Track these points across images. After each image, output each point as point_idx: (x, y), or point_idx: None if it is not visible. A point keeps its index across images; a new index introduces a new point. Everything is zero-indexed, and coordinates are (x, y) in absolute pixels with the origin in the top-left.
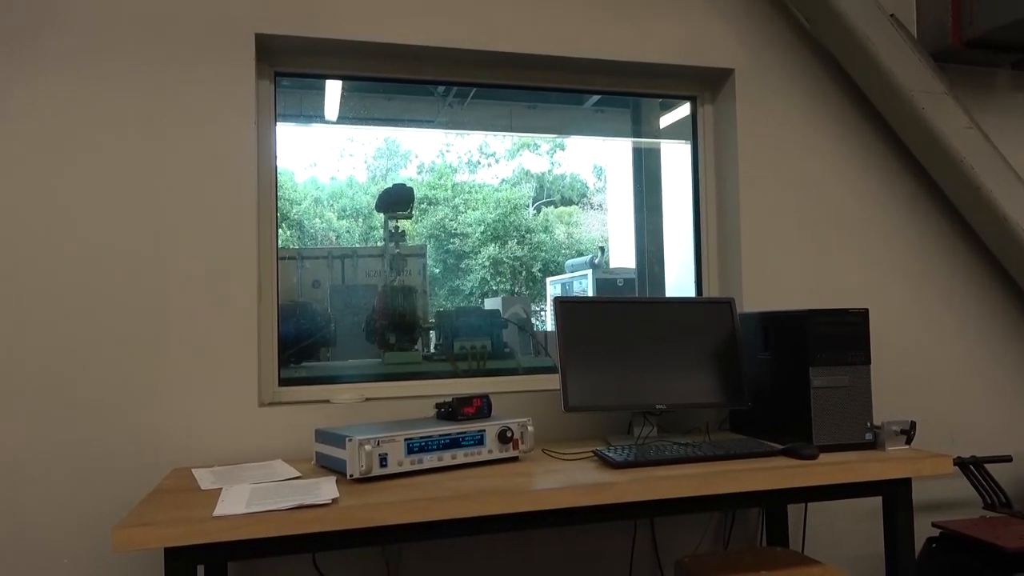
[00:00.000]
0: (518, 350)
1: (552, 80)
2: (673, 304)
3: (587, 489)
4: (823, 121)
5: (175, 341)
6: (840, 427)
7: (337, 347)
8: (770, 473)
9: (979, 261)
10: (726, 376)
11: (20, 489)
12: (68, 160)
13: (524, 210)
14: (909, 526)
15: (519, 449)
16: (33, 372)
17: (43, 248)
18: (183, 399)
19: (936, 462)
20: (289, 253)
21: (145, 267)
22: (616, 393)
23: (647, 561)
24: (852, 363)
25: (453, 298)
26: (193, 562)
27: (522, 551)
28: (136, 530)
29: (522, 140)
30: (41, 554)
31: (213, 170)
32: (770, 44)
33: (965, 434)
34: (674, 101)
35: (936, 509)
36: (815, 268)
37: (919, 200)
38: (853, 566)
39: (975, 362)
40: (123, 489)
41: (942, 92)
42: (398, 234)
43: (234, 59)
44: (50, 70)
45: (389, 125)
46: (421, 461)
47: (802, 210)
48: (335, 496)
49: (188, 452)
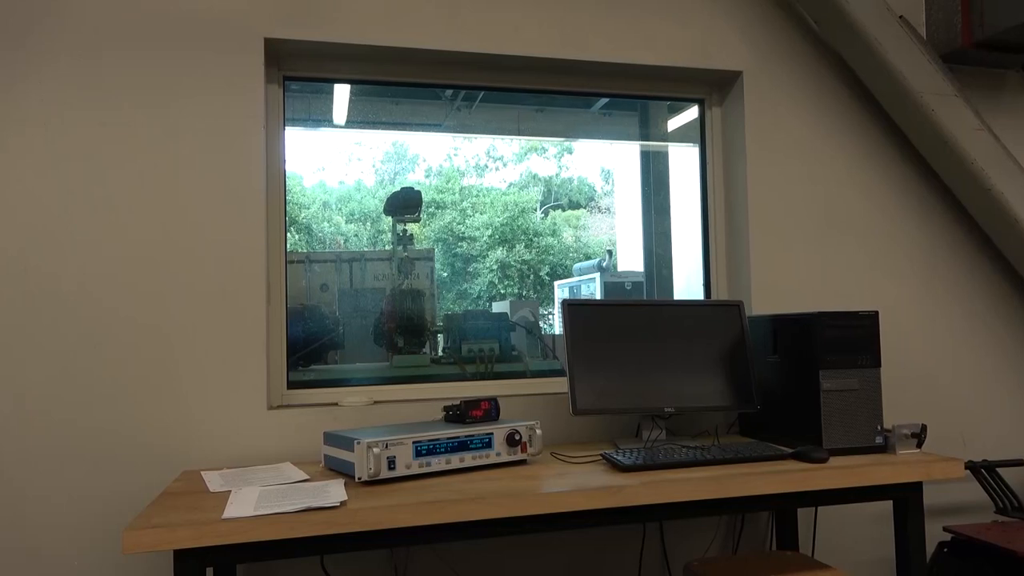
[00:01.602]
0: (526, 353)
1: (560, 83)
2: (682, 307)
3: (596, 492)
4: (832, 123)
5: (184, 344)
6: (850, 430)
7: (345, 350)
8: (780, 477)
9: (990, 263)
10: (735, 379)
11: (30, 492)
12: (77, 164)
13: (532, 214)
14: (920, 530)
15: (527, 452)
16: (43, 376)
17: (49, 253)
18: (192, 402)
19: (947, 466)
20: (297, 257)
21: (154, 270)
22: (624, 396)
23: (656, 565)
24: (862, 366)
25: (461, 302)
26: (202, 564)
27: (530, 555)
28: (146, 532)
29: (530, 144)
30: (51, 556)
31: (222, 174)
32: (778, 46)
33: (977, 437)
34: (682, 104)
35: (948, 513)
36: (824, 271)
37: (929, 202)
38: (864, 571)
39: (987, 365)
40: (132, 491)
41: (952, 94)
42: (406, 237)
43: (243, 63)
44: (58, 73)
45: (397, 129)
46: (429, 464)
47: (811, 212)
48: (343, 499)
49: (197, 454)
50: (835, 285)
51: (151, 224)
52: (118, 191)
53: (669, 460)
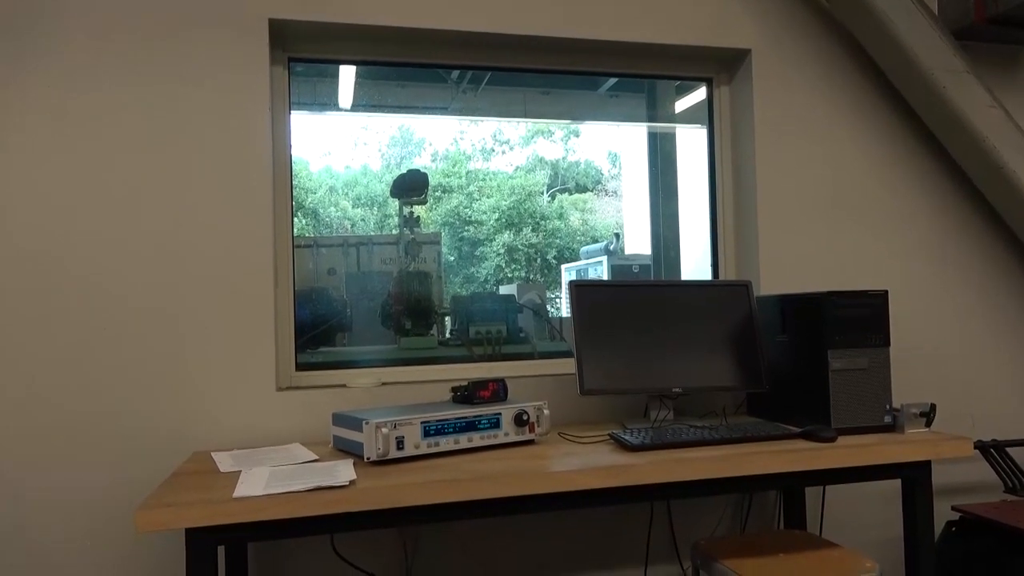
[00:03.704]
0: (533, 335)
1: (566, 63)
2: (690, 287)
3: (604, 471)
4: (841, 101)
5: (193, 328)
6: (858, 410)
7: (353, 333)
8: (788, 456)
9: (1001, 242)
10: (743, 359)
11: (42, 472)
12: (83, 150)
13: (538, 197)
14: (929, 509)
15: (535, 432)
16: (54, 361)
17: (58, 240)
18: (202, 384)
19: (956, 445)
20: (305, 241)
21: (162, 255)
22: (632, 376)
23: (664, 544)
24: (871, 345)
25: (468, 285)
26: (214, 542)
27: (538, 534)
28: (158, 511)
29: (536, 127)
30: (63, 535)
31: (228, 158)
32: (788, 23)
33: (986, 417)
34: (690, 85)
35: (956, 493)
36: (834, 250)
37: (939, 181)
38: (872, 549)
39: (997, 344)
40: (144, 472)
41: (964, 70)
42: (413, 219)
43: (248, 44)
44: (60, 59)
45: (403, 112)
46: (437, 444)
47: (820, 191)
48: (353, 478)
49: (208, 436)
50: (844, 264)
51: (157, 209)
52: (124, 177)
53: (677, 439)
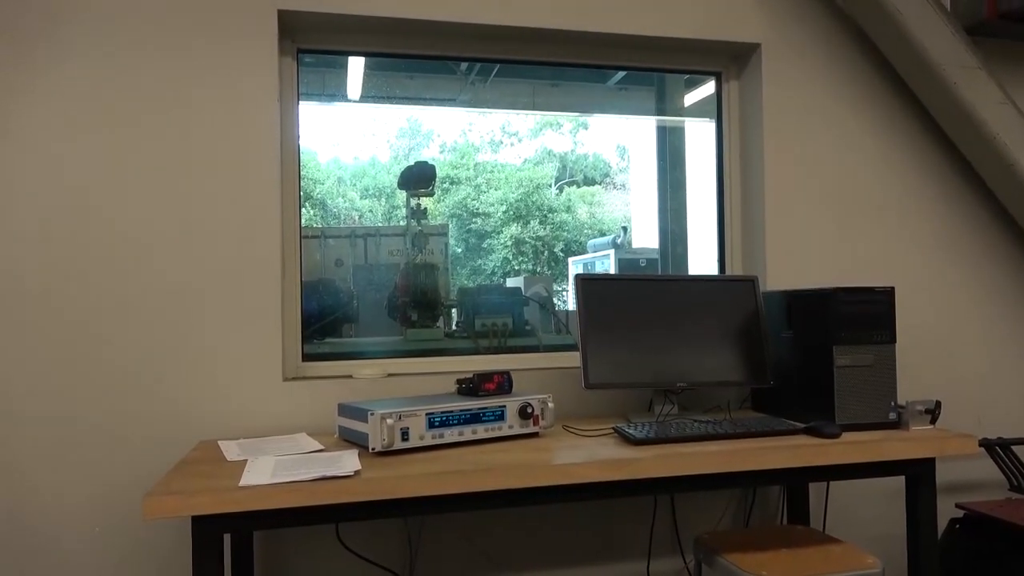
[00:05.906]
0: (539, 328)
1: (576, 56)
2: (695, 282)
3: (608, 464)
4: (851, 97)
5: (201, 317)
6: (863, 406)
7: (360, 324)
8: (792, 451)
9: (1010, 240)
10: (748, 354)
11: (51, 459)
12: (92, 140)
13: (546, 190)
14: (932, 507)
15: (539, 425)
16: (62, 347)
17: (66, 227)
18: (209, 373)
19: (961, 442)
20: (312, 232)
21: (170, 245)
22: (637, 371)
23: (667, 538)
24: (877, 342)
25: (475, 278)
26: (220, 530)
27: (541, 526)
28: (165, 498)
29: (544, 119)
30: (72, 522)
31: (237, 148)
32: (797, 18)
33: (992, 415)
34: (698, 79)
35: (961, 490)
36: (840, 246)
37: (949, 177)
38: (875, 546)
39: (1004, 342)
40: (151, 460)
41: (975, 66)
42: (420, 211)
43: (257, 35)
44: (72, 50)
45: (411, 103)
46: (442, 435)
47: (828, 187)
48: (357, 468)
49: (214, 425)
50: (852, 260)
51: (166, 198)
52: (132, 166)
53: (681, 434)
